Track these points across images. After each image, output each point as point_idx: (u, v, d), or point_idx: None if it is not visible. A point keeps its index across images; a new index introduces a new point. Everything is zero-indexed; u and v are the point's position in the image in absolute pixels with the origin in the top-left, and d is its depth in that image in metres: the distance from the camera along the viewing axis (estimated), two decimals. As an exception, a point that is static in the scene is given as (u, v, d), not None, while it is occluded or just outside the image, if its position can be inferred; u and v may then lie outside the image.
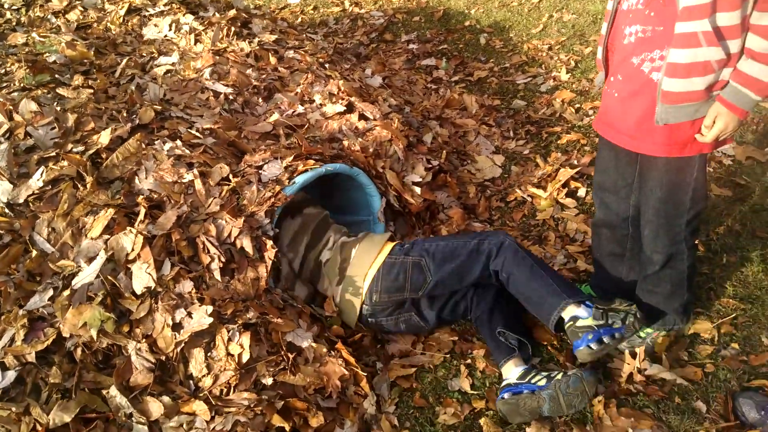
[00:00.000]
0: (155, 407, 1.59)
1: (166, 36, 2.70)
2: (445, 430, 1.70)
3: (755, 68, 1.33)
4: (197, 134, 2.06)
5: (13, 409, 1.50)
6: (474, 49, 4.00)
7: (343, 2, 4.84)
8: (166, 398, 1.60)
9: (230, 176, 1.95)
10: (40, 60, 2.21)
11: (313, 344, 1.78)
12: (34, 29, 2.58)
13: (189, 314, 1.67)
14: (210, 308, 1.66)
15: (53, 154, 1.82)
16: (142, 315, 1.67)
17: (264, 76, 2.48)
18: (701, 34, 1.31)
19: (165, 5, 2.85)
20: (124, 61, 2.32)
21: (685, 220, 1.61)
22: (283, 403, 1.67)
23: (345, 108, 2.38)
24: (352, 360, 1.76)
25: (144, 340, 1.66)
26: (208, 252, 1.74)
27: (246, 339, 1.67)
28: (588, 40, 3.77)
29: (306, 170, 1.99)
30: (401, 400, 1.80)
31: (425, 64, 3.83)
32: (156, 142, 1.95)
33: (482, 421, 1.70)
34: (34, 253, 1.69)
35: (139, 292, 1.66)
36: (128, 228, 1.72)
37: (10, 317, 1.61)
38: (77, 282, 1.65)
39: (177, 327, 1.68)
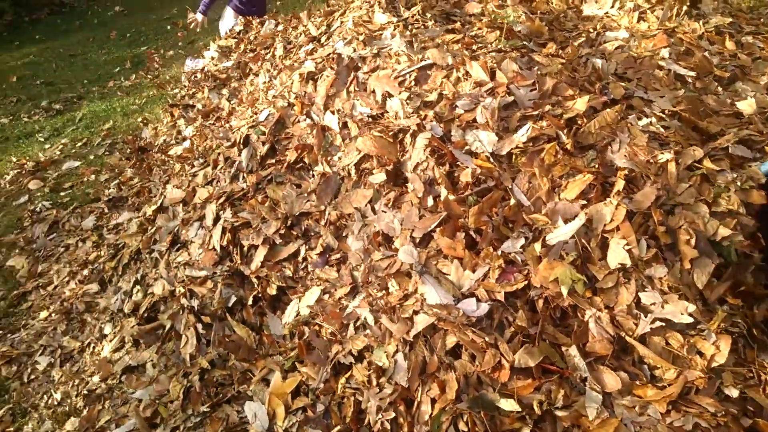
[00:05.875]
0: (611, 380, 1.60)
1: (606, 13, 2.70)
2: None
3: None
4: (663, 115, 2.00)
5: (486, 338, 1.68)
6: None
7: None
8: (623, 374, 1.61)
9: (702, 161, 1.85)
10: (507, 27, 2.41)
11: (795, 371, 1.58)
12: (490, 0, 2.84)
13: (664, 301, 1.63)
14: (692, 306, 1.59)
15: (536, 113, 1.96)
16: (609, 286, 1.70)
17: (726, 63, 2.29)
18: None
19: (605, -19, 2.86)
20: (581, 39, 2.38)
21: None
22: (751, 422, 1.53)
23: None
24: None
25: (605, 311, 1.69)
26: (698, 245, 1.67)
27: (725, 343, 1.56)
28: None
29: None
30: None
31: None
32: (630, 117, 1.95)
33: None
34: (512, 201, 1.85)
35: (612, 266, 1.68)
36: (609, 199, 1.76)
37: (485, 255, 1.81)
38: (552, 238, 1.75)
39: (642, 309, 1.66)
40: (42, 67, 6.87)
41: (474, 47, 2.30)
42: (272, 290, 2.14)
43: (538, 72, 2.11)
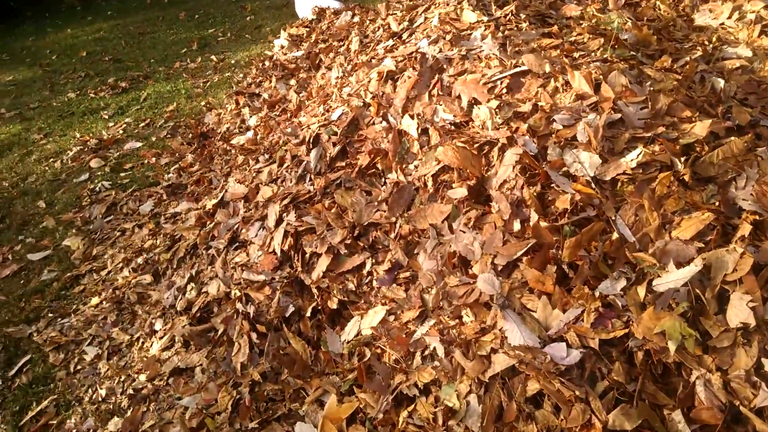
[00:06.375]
0: (721, 456, 1.39)
1: (722, 24, 2.43)
2: None
3: None
4: (797, 149, 1.74)
5: (576, 392, 1.48)
6: None
7: None
8: (735, 452, 1.39)
9: None
10: (609, 34, 2.19)
11: None
12: (583, 2, 2.61)
13: (794, 369, 1.40)
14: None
15: (648, 135, 1.74)
16: (724, 345, 1.47)
17: None
18: None
19: (722, -12, 2.58)
20: (697, 53, 2.13)
21: None
22: None
23: None
24: None
25: (717, 373, 1.46)
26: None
27: None
28: None
29: None
30: None
31: None
32: (759, 149, 1.71)
33: None
34: (614, 236, 1.64)
35: (732, 324, 1.46)
36: (732, 245, 1.53)
37: (580, 295, 1.61)
38: (661, 284, 1.54)
39: (763, 377, 1.44)
40: (111, 44, 6.99)
41: (575, 55, 2.08)
42: (333, 303, 2.00)
43: (651, 88, 1.88)
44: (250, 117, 3.44)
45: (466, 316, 1.73)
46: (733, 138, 1.72)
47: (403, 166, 2.09)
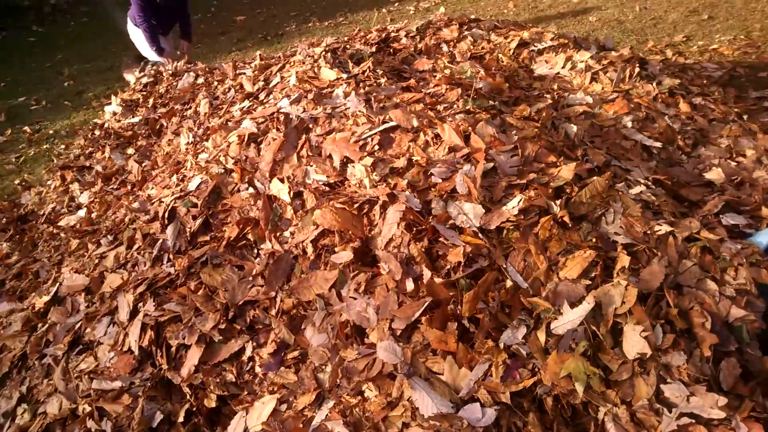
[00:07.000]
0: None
1: (558, 73, 2.69)
2: None
3: None
4: (648, 183, 1.94)
5: (501, 455, 1.42)
6: None
7: (665, 51, 4.61)
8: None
9: (699, 232, 1.78)
10: (465, 84, 2.30)
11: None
12: (433, 56, 2.74)
13: (691, 395, 1.48)
14: (723, 399, 1.44)
15: (523, 182, 1.81)
16: (624, 378, 1.52)
17: (687, 128, 2.31)
18: None
19: (551, 40, 2.87)
20: (547, 101, 2.32)
21: None
22: None
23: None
24: None
25: (622, 406, 1.50)
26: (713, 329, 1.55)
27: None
28: None
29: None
30: None
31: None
32: (618, 185, 1.86)
33: None
34: (508, 283, 1.65)
35: (631, 357, 1.52)
36: (617, 279, 1.61)
37: (484, 348, 1.58)
38: (559, 326, 1.57)
39: (663, 402, 1.50)
40: None
41: (439, 107, 2.14)
42: (211, 401, 1.76)
43: (516, 136, 1.98)
44: (81, 193, 3.05)
45: (368, 390, 1.61)
46: (595, 177, 1.85)
47: (278, 234, 1.95)
